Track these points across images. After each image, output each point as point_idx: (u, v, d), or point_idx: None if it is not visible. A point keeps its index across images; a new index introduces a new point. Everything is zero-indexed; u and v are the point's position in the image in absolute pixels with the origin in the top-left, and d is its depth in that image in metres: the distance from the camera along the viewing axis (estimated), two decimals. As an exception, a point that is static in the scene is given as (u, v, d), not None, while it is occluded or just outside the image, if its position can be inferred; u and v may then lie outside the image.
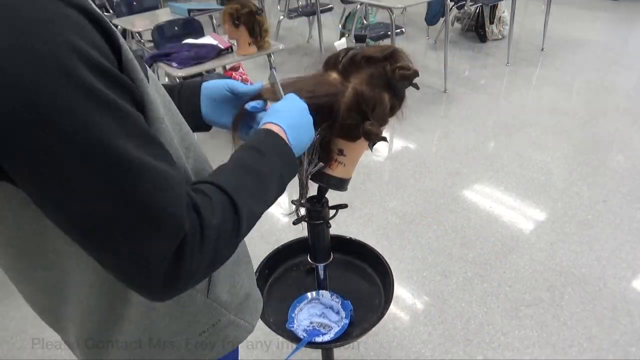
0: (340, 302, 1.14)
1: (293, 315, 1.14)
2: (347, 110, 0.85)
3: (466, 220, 2.48)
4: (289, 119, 0.71)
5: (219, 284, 0.74)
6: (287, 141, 0.69)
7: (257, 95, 0.83)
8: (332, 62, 0.88)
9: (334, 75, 0.87)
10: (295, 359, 1.82)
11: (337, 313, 1.14)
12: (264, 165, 0.65)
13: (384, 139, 0.87)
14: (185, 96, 0.83)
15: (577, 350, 1.77)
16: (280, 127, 0.70)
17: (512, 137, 3.20)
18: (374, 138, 0.86)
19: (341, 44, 0.89)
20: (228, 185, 0.59)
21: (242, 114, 0.82)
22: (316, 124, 0.79)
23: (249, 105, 0.82)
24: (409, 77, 0.84)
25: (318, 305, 1.17)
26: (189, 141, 0.68)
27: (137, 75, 0.52)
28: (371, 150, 0.91)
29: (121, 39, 0.51)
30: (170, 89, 0.81)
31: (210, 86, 0.83)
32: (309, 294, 1.18)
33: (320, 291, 1.18)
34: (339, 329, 1.09)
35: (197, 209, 0.53)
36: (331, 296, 1.16)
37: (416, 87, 0.88)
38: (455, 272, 2.16)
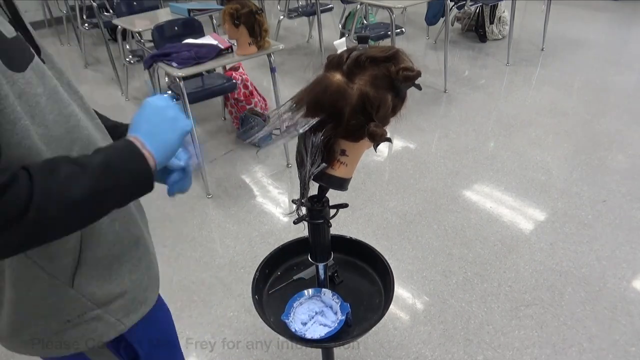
0: (339, 304, 1.14)
1: (292, 308, 1.14)
2: (352, 112, 0.86)
3: (466, 220, 2.48)
4: (145, 126, 0.73)
5: (86, 277, 0.77)
6: (131, 138, 0.70)
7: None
8: (336, 62, 0.88)
9: (337, 77, 0.87)
10: (294, 359, 1.82)
11: (336, 313, 1.14)
12: (92, 157, 0.66)
13: (389, 140, 0.88)
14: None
15: (577, 350, 1.78)
16: (137, 137, 0.71)
17: (512, 137, 3.20)
18: (379, 139, 0.86)
19: (341, 43, 0.89)
20: (33, 166, 0.60)
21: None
22: (322, 124, 0.81)
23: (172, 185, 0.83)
24: (412, 78, 0.85)
25: (318, 303, 1.17)
26: (77, 134, 0.72)
27: None
28: (375, 150, 0.91)
29: None
30: (113, 125, 0.88)
31: None
32: (306, 291, 1.18)
33: (323, 289, 1.18)
34: (332, 329, 1.09)
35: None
36: (332, 296, 1.16)
37: (419, 87, 0.89)
38: (455, 272, 2.16)
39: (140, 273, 0.87)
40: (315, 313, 1.14)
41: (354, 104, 0.85)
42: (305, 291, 1.18)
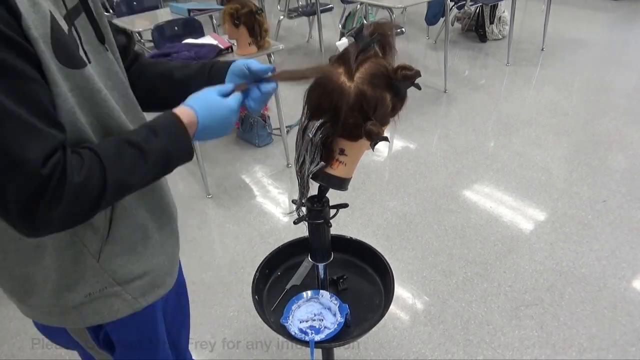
0: (338, 305, 1.14)
1: (290, 311, 1.14)
2: (350, 110, 0.86)
3: (466, 220, 2.48)
4: (206, 120, 0.78)
5: (111, 254, 0.81)
6: (186, 126, 0.75)
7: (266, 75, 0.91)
8: (341, 58, 0.88)
9: (338, 72, 0.87)
10: (295, 359, 1.82)
11: (334, 315, 1.14)
12: (151, 143, 0.71)
13: (386, 139, 0.87)
14: (214, 72, 0.94)
15: (577, 350, 1.78)
16: (192, 108, 0.77)
17: (512, 137, 3.20)
18: (375, 138, 0.86)
19: (343, 44, 0.89)
20: (104, 153, 0.66)
21: (244, 85, 0.89)
22: (321, 123, 0.83)
23: (255, 67, 0.90)
24: (410, 77, 0.85)
25: (316, 305, 1.17)
26: (110, 123, 0.75)
27: (38, 49, 0.61)
28: (372, 149, 0.91)
29: (29, 21, 0.59)
30: (202, 66, 0.95)
31: (234, 65, 0.92)
32: (305, 293, 1.18)
33: (320, 291, 1.18)
34: (331, 331, 1.09)
35: (64, 166, 0.61)
36: (330, 297, 1.16)
37: (418, 87, 0.88)
38: (455, 272, 2.16)
39: (162, 257, 0.90)
40: (314, 315, 1.14)
41: (351, 102, 0.85)
42: (304, 293, 1.18)
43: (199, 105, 0.78)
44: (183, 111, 0.76)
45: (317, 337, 1.08)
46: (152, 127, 0.73)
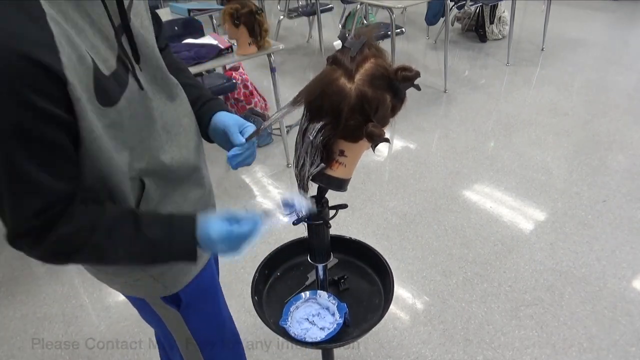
0: (336, 304, 1.14)
1: (288, 312, 1.14)
2: (351, 112, 0.85)
3: (466, 220, 2.48)
4: (217, 249, 0.86)
5: None
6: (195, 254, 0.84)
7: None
8: (338, 58, 0.88)
9: (338, 74, 0.87)
10: (295, 359, 1.82)
11: (333, 315, 1.14)
12: (155, 236, 0.80)
13: (387, 140, 0.87)
14: (201, 114, 1.03)
15: (577, 350, 1.78)
16: (201, 248, 0.84)
17: (512, 137, 3.20)
18: (377, 139, 0.86)
19: (340, 44, 0.88)
20: (106, 219, 0.77)
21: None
22: (320, 119, 0.87)
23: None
24: (411, 78, 0.84)
25: (315, 305, 1.17)
26: (148, 144, 0.86)
27: (76, 95, 0.68)
28: (374, 151, 0.91)
29: (77, 92, 0.67)
30: (199, 96, 1.04)
31: (217, 118, 1.01)
32: (303, 294, 1.18)
33: (318, 291, 1.18)
34: (331, 331, 1.09)
35: (55, 219, 0.72)
36: (328, 297, 1.16)
37: (418, 88, 0.88)
38: (455, 272, 2.16)
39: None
40: (312, 316, 1.14)
41: (352, 103, 0.85)
42: (303, 294, 1.18)
43: (204, 241, 0.84)
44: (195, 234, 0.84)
45: (317, 338, 1.08)
46: (170, 234, 0.82)
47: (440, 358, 1.79)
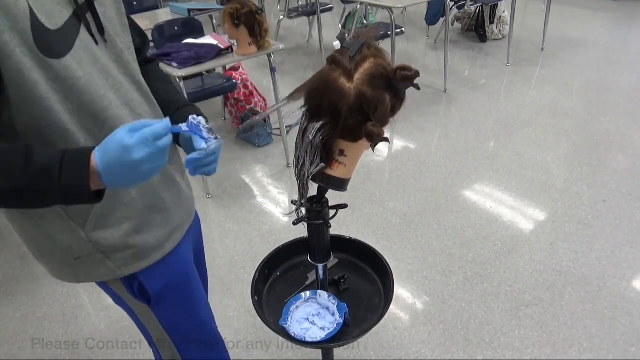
0: (336, 304, 1.14)
1: (288, 312, 1.14)
2: (350, 111, 0.85)
3: (466, 220, 2.48)
4: (109, 163, 0.70)
5: (96, 227, 0.89)
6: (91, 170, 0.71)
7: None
8: (337, 58, 0.88)
9: (337, 73, 0.87)
10: (295, 359, 1.82)
11: (333, 314, 1.14)
12: (37, 165, 0.69)
13: (386, 140, 0.87)
14: (175, 117, 0.99)
15: (577, 350, 1.78)
16: (97, 164, 0.70)
17: (512, 137, 3.20)
18: (376, 139, 0.86)
19: (339, 44, 0.89)
20: None
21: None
22: (320, 119, 0.86)
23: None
24: (410, 77, 0.85)
25: (314, 305, 1.17)
26: (107, 114, 0.83)
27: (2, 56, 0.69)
28: (373, 150, 0.91)
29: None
30: (173, 102, 1.05)
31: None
32: (303, 294, 1.18)
33: (318, 291, 1.18)
34: (331, 330, 1.09)
35: None
36: (328, 297, 1.16)
37: (417, 87, 0.88)
38: (455, 272, 2.16)
39: (147, 234, 0.96)
40: (312, 316, 1.14)
41: (352, 103, 0.85)
42: (303, 294, 1.18)
43: (101, 149, 0.72)
44: (89, 156, 0.72)
45: (317, 338, 1.08)
46: (56, 157, 0.70)
47: (440, 358, 1.79)
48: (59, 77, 0.76)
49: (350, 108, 0.85)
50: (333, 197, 1.03)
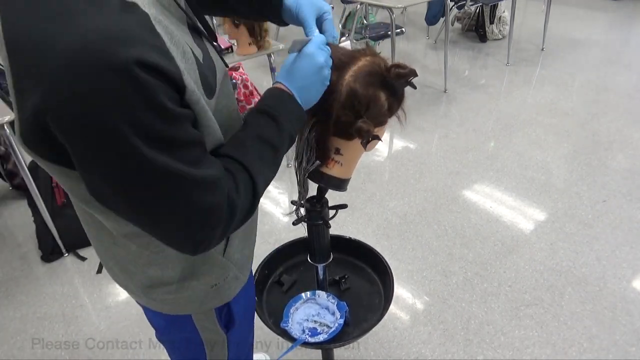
0: (336, 303, 1.14)
1: (289, 314, 1.14)
2: (341, 108, 0.84)
3: (466, 220, 2.48)
4: (300, 81, 0.77)
5: (234, 246, 0.88)
6: (297, 101, 0.77)
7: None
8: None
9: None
10: (295, 359, 1.82)
11: (333, 314, 1.14)
12: (280, 136, 0.75)
13: (377, 137, 0.86)
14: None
15: (577, 350, 1.78)
16: (290, 91, 0.76)
17: (512, 137, 3.20)
18: (364, 135, 0.83)
19: (343, 44, 0.88)
20: (249, 163, 0.71)
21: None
22: (312, 115, 0.86)
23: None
24: (404, 75, 0.82)
25: (314, 306, 1.17)
26: (234, 124, 0.81)
27: (194, 99, 0.63)
28: (365, 148, 0.88)
29: (186, 80, 0.60)
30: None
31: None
32: (304, 294, 1.18)
33: (317, 291, 1.18)
34: (333, 329, 1.09)
35: (232, 198, 0.67)
36: (327, 297, 1.16)
37: (413, 86, 0.87)
38: (455, 272, 2.16)
39: (254, 236, 1.00)
40: (312, 316, 1.14)
41: (342, 100, 0.84)
42: (303, 294, 1.18)
43: (287, 79, 0.78)
44: (281, 88, 0.77)
45: (320, 338, 1.08)
46: (269, 114, 0.75)
47: (440, 358, 1.79)
48: (216, 111, 0.73)
49: (341, 105, 0.84)
50: (333, 197, 1.03)
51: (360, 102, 0.83)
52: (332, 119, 0.85)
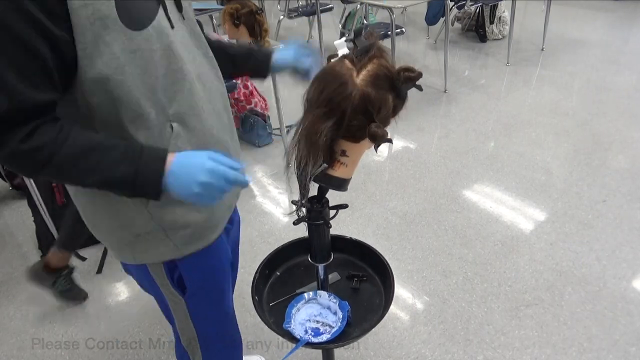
0: (337, 303, 1.14)
1: (291, 315, 1.14)
2: (354, 112, 0.86)
3: (466, 220, 2.48)
4: (182, 183, 0.80)
5: (160, 205, 0.89)
6: (163, 180, 0.79)
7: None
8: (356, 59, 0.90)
9: (348, 65, 0.88)
10: (295, 359, 1.82)
11: (335, 314, 1.14)
12: (111, 172, 0.77)
13: (390, 141, 0.88)
14: (261, 59, 1.19)
15: (577, 350, 1.78)
16: (167, 182, 0.79)
17: (512, 137, 3.20)
18: (380, 139, 0.87)
19: (341, 43, 0.89)
20: (68, 145, 0.74)
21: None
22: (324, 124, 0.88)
23: None
24: (413, 79, 0.86)
25: (316, 306, 1.17)
26: (180, 87, 0.85)
27: (82, 31, 0.70)
28: (376, 151, 0.92)
29: (74, 5, 0.68)
30: (250, 49, 1.21)
31: (278, 62, 1.18)
32: (306, 294, 1.18)
33: (318, 291, 1.18)
34: (335, 329, 1.09)
35: (33, 130, 0.72)
36: (329, 297, 1.16)
37: (420, 88, 0.89)
38: (455, 272, 2.16)
39: (207, 213, 0.98)
40: (314, 316, 1.14)
41: (356, 104, 0.86)
42: (305, 294, 1.18)
43: (182, 155, 0.82)
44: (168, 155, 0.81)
45: (323, 337, 1.08)
46: (136, 152, 0.78)
47: (440, 358, 1.79)
48: (139, 49, 0.76)
49: (354, 109, 0.86)
50: (333, 197, 1.03)
51: (373, 105, 0.86)
52: (345, 123, 0.87)
